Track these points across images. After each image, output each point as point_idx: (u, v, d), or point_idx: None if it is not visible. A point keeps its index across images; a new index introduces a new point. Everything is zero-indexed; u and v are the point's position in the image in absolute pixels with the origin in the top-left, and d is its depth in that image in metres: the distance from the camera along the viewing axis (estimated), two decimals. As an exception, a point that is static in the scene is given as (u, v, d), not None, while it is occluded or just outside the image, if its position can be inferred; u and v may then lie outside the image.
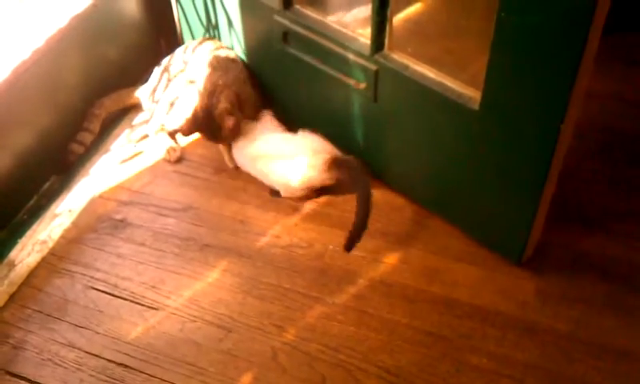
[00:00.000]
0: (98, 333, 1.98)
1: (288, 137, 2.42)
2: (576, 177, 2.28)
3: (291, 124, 2.53)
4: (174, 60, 2.53)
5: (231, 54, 2.50)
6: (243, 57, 2.55)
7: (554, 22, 1.51)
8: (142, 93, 2.60)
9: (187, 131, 2.39)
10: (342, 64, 2.14)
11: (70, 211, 2.33)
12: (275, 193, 2.33)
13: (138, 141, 2.57)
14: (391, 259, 2.11)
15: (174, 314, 2.01)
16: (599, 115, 2.52)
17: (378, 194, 2.30)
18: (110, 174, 2.47)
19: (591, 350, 1.84)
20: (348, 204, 2.28)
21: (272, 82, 2.54)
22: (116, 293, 2.08)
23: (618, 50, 2.75)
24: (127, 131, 2.63)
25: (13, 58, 2.17)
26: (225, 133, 2.34)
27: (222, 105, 2.32)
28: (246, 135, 2.41)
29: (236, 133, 2.37)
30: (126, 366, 1.89)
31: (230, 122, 2.31)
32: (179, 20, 2.72)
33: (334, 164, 2.26)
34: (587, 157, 2.37)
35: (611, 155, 2.39)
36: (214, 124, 2.34)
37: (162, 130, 2.52)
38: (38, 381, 1.88)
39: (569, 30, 1.49)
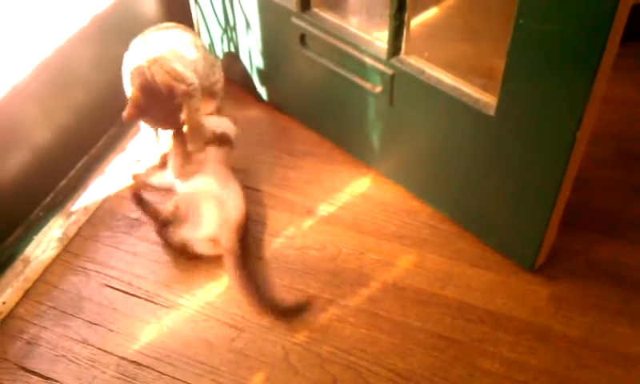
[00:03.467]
0: (111, 330, 1.99)
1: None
2: (591, 183, 2.27)
3: (307, 127, 2.55)
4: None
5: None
6: (260, 58, 2.56)
7: (573, 29, 1.51)
8: None
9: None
10: (359, 67, 2.15)
11: (85, 209, 2.35)
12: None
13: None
14: (405, 262, 2.11)
15: (188, 312, 2.02)
16: (616, 122, 2.51)
17: (393, 197, 2.30)
18: (126, 172, 2.48)
19: (604, 356, 1.84)
20: (362, 206, 2.29)
21: (288, 84, 2.55)
22: (130, 291, 2.09)
23: (637, 57, 2.73)
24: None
25: (34, 55, 2.19)
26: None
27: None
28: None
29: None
30: (139, 364, 1.91)
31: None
32: (197, 21, 2.73)
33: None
34: (603, 164, 2.36)
35: (627, 162, 2.38)
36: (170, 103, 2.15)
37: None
38: (52, 377, 1.89)
39: (587, 37, 1.49)
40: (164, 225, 2.14)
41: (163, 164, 2.45)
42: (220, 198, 2.15)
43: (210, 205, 2.13)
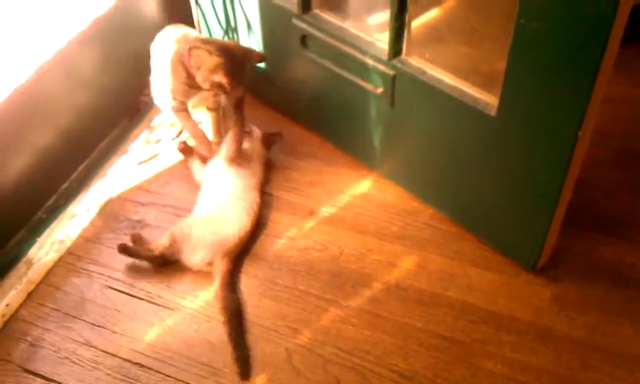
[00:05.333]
0: (114, 332, 2.00)
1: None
2: (593, 184, 2.27)
3: (308, 128, 2.55)
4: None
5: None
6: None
7: (574, 29, 1.51)
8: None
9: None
10: (360, 69, 2.15)
11: (87, 211, 2.35)
12: None
13: (156, 142, 2.59)
14: (407, 263, 2.11)
15: (190, 314, 2.02)
16: (619, 122, 2.51)
17: (395, 198, 2.31)
18: (128, 174, 2.49)
19: (606, 357, 1.84)
20: (364, 208, 2.29)
21: (289, 85, 2.55)
22: (133, 293, 2.10)
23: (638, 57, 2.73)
24: (146, 132, 2.65)
25: (35, 58, 2.20)
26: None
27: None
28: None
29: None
30: (142, 366, 1.91)
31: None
32: (199, 23, 2.73)
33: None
34: (605, 164, 2.36)
35: (629, 162, 2.38)
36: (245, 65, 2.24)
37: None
38: (55, 379, 1.90)
39: (588, 37, 1.49)
40: (162, 261, 2.13)
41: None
42: (216, 219, 2.16)
43: (203, 230, 2.12)
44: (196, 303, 2.05)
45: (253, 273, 2.12)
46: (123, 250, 2.14)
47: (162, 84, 2.34)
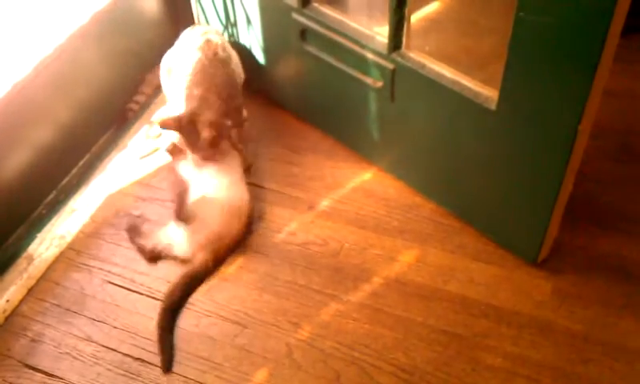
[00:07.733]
0: (115, 327, 2.00)
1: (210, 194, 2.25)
2: (594, 177, 2.27)
3: (309, 123, 2.55)
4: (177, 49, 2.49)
5: (224, 45, 2.43)
6: (261, 54, 2.56)
7: (573, 22, 1.50)
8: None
9: (170, 127, 2.28)
10: (360, 62, 2.14)
11: (87, 206, 2.35)
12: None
13: (157, 137, 2.59)
14: (407, 257, 2.11)
15: (190, 309, 2.02)
16: (618, 116, 2.50)
17: (395, 192, 2.30)
18: (128, 169, 2.48)
19: (607, 350, 1.83)
20: (364, 202, 2.28)
21: (289, 80, 2.54)
22: (133, 287, 2.10)
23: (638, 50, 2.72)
24: (146, 127, 2.64)
25: (35, 54, 2.19)
26: (201, 144, 2.27)
27: (207, 116, 2.26)
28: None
29: (214, 147, 2.29)
30: (143, 360, 1.91)
31: (206, 133, 2.25)
32: (198, 16, 2.73)
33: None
34: (605, 157, 2.35)
35: (630, 156, 2.37)
36: (194, 132, 2.27)
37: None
38: (56, 374, 1.90)
39: (588, 30, 1.49)
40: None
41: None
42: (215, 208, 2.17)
43: (206, 214, 2.14)
44: (196, 298, 2.05)
45: (252, 267, 2.12)
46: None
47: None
